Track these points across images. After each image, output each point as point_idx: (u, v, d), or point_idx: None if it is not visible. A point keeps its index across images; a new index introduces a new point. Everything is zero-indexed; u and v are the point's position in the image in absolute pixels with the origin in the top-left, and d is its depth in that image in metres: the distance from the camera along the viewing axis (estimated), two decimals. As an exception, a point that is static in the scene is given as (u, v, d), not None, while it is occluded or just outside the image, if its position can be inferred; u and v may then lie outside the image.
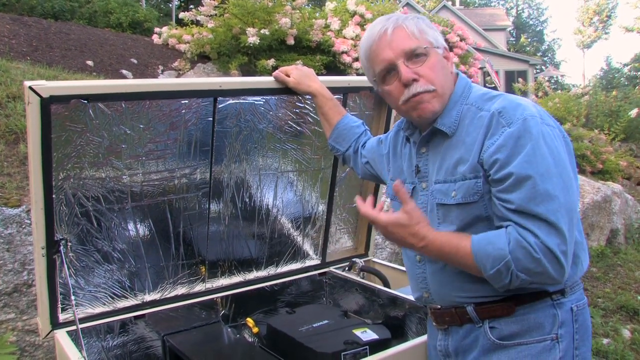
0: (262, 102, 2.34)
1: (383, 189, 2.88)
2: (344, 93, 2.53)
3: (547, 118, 1.52)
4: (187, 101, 2.15)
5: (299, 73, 2.25)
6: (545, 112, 1.54)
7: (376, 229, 1.58)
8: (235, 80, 2.27)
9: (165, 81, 2.01)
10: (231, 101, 2.26)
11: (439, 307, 1.70)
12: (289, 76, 2.25)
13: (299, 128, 2.51)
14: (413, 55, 1.57)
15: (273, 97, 2.36)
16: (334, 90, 2.42)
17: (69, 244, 2.09)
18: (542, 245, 1.39)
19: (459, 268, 1.56)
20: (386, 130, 2.67)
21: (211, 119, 2.23)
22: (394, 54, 1.57)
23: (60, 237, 2.05)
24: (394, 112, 2.71)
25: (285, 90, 2.28)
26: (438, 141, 1.65)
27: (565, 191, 1.43)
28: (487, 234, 1.49)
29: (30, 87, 1.73)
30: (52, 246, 2.01)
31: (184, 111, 2.16)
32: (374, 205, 1.59)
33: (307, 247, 2.83)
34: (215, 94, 2.18)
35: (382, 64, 1.60)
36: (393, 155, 1.92)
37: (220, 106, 2.23)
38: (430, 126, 1.64)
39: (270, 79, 2.27)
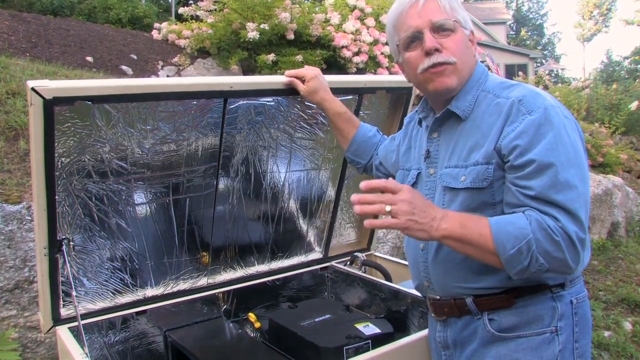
0: (273, 103, 2.32)
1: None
2: (359, 94, 2.49)
3: (564, 110, 1.53)
4: (195, 101, 2.12)
5: (315, 83, 2.16)
6: (562, 105, 1.55)
7: (396, 204, 1.41)
8: (247, 81, 2.23)
9: (174, 81, 1.97)
10: (241, 101, 2.22)
11: (438, 297, 1.70)
12: (304, 81, 2.17)
13: (309, 128, 2.49)
14: (440, 28, 1.58)
15: (284, 98, 2.33)
16: (350, 90, 2.40)
17: (72, 243, 2.09)
18: (561, 230, 1.39)
19: (472, 255, 1.49)
20: (400, 129, 2.66)
21: (220, 119, 2.20)
22: (421, 22, 1.58)
23: (63, 237, 2.04)
24: (409, 113, 2.69)
25: (297, 91, 2.25)
26: (451, 126, 1.65)
27: (583, 182, 1.44)
28: (504, 216, 1.47)
29: (33, 89, 1.69)
30: (54, 246, 2.00)
31: (192, 111, 2.13)
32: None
33: (311, 241, 2.83)
34: (225, 95, 2.14)
35: (409, 31, 1.60)
36: (401, 145, 1.94)
37: (230, 107, 2.20)
38: (444, 108, 1.65)
39: (282, 78, 2.21)
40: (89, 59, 6.63)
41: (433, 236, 1.46)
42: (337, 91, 2.43)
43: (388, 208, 1.42)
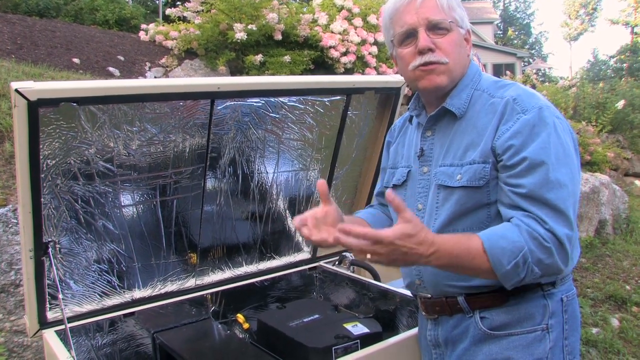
0: (260, 104, 2.31)
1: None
2: (348, 94, 2.49)
3: (557, 111, 1.54)
4: (182, 103, 2.10)
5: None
6: (554, 106, 1.56)
7: (375, 254, 1.35)
8: (234, 82, 2.22)
9: (160, 82, 1.94)
10: (229, 102, 2.21)
11: (430, 296, 1.70)
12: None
13: (297, 128, 2.48)
14: (436, 27, 1.56)
15: (272, 98, 2.32)
16: (338, 91, 2.39)
17: (58, 245, 2.07)
18: (549, 233, 1.40)
19: (467, 274, 1.50)
20: (388, 129, 2.66)
21: (207, 120, 2.19)
22: (417, 20, 1.56)
23: (49, 239, 2.02)
24: (397, 113, 2.70)
25: (285, 92, 2.24)
26: (446, 124, 1.65)
27: (573, 182, 1.46)
28: (494, 229, 1.46)
29: (16, 90, 1.67)
30: (40, 248, 1.98)
31: (179, 113, 2.12)
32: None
33: (299, 241, 2.83)
34: (213, 96, 2.13)
35: (404, 27, 1.59)
36: (387, 146, 1.94)
37: (217, 108, 2.18)
38: (438, 106, 1.64)
39: (269, 79, 2.20)
40: (76, 60, 6.59)
41: (425, 263, 1.41)
42: (325, 92, 2.43)
43: (370, 258, 1.36)
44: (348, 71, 7.73)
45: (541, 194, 1.42)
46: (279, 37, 7.46)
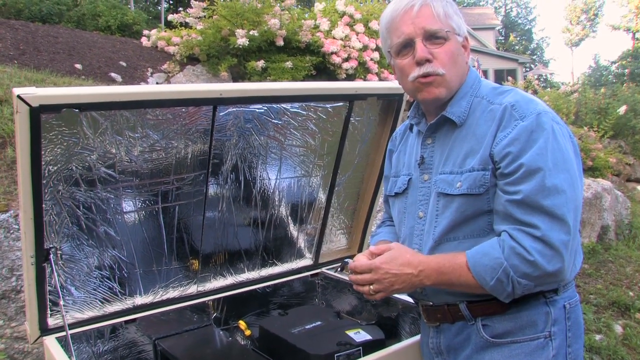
0: (263, 110, 2.31)
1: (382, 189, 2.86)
2: (350, 100, 2.48)
3: (556, 116, 1.53)
4: (185, 109, 2.10)
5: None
6: (553, 111, 1.55)
7: (373, 281, 1.58)
8: (236, 88, 2.21)
9: (162, 89, 1.93)
10: (231, 109, 2.21)
11: (431, 303, 1.70)
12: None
13: (299, 135, 2.48)
14: (433, 37, 1.56)
15: (274, 105, 2.32)
16: (340, 97, 2.39)
17: (59, 251, 2.06)
18: (540, 242, 1.40)
19: (461, 290, 1.56)
20: (391, 135, 2.65)
21: (209, 126, 2.18)
22: (414, 30, 1.56)
23: (50, 246, 2.01)
24: (400, 119, 2.69)
25: (287, 98, 2.23)
26: (446, 132, 1.65)
27: (573, 187, 1.45)
28: (481, 246, 1.50)
29: (19, 96, 1.66)
30: (41, 255, 1.97)
31: (181, 119, 2.11)
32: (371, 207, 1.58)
33: (301, 248, 2.82)
34: (215, 102, 2.12)
35: (401, 38, 1.59)
36: (390, 154, 1.94)
37: (220, 114, 2.18)
38: (437, 114, 1.64)
39: (272, 85, 2.20)
40: (78, 66, 6.61)
41: (418, 286, 1.59)
42: (327, 98, 2.43)
43: (372, 289, 1.59)
44: (350, 77, 7.74)
45: (537, 200, 1.42)
46: (280, 43, 7.47)
